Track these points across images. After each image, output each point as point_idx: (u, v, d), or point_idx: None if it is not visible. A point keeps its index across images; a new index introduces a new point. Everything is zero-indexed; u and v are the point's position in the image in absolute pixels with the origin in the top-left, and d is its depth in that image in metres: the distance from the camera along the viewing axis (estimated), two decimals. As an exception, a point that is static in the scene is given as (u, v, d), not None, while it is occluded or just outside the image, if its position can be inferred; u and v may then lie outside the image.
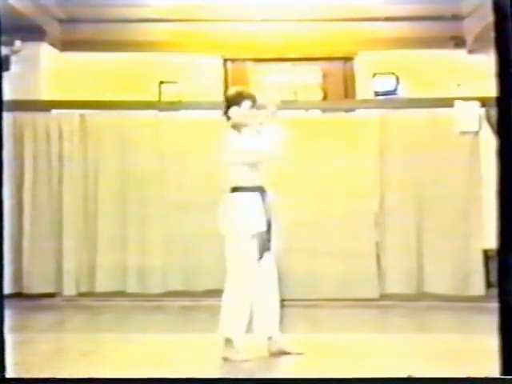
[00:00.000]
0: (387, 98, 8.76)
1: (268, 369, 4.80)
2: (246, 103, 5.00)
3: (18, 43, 8.27)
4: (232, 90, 5.18)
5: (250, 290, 4.87)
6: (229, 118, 5.04)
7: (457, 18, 9.10)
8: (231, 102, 5.02)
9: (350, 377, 4.20)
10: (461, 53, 9.10)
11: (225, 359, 4.84)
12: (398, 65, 9.12)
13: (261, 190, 4.94)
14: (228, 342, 4.89)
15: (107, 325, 6.68)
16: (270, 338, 5.01)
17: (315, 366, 4.74)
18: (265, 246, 4.90)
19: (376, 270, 7.58)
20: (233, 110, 4.99)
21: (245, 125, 5.02)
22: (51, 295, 7.66)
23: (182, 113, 8.18)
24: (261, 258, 4.89)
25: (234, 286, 4.89)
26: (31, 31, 8.40)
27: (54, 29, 9.06)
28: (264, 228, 4.90)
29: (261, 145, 4.89)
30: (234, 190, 4.94)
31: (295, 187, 7.34)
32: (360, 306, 7.32)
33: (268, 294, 4.98)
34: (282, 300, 5.17)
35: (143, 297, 7.62)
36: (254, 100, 5.02)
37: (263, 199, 4.93)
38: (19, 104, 7.24)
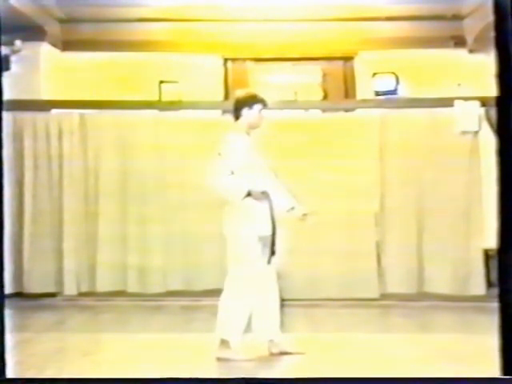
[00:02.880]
0: (387, 98, 8.76)
1: (268, 369, 4.80)
2: (258, 106, 5.01)
3: (18, 43, 8.27)
4: (243, 93, 5.15)
5: (250, 292, 4.87)
6: (237, 119, 5.04)
7: (457, 17, 9.10)
8: (243, 103, 5.01)
9: (350, 377, 4.20)
10: (461, 53, 9.10)
11: (220, 360, 4.83)
12: (398, 65, 9.12)
13: (265, 194, 4.94)
14: (224, 342, 4.89)
15: (107, 325, 6.69)
16: (270, 341, 5.01)
17: (315, 366, 4.74)
18: (271, 251, 4.90)
19: (376, 270, 7.58)
20: (245, 112, 5.00)
21: (256, 127, 5.03)
22: (52, 295, 7.67)
23: (182, 113, 8.19)
24: (269, 262, 4.90)
25: (233, 287, 4.89)
26: (31, 31, 8.40)
27: (54, 29, 9.05)
28: (269, 232, 4.90)
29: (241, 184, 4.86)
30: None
31: (295, 187, 7.33)
32: (360, 306, 7.32)
33: (269, 297, 4.97)
34: (283, 300, 5.17)
35: (143, 297, 7.62)
36: (265, 104, 5.04)
37: (268, 204, 4.93)
38: (19, 104, 7.23)
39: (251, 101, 5.01)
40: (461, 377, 4.04)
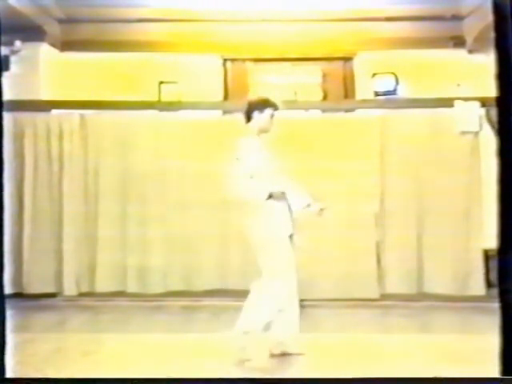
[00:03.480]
0: (387, 98, 8.76)
1: (268, 369, 4.80)
2: (269, 110, 5.08)
3: (18, 43, 8.28)
4: (255, 96, 5.26)
5: (283, 291, 4.92)
6: (248, 122, 5.10)
7: (457, 17, 9.10)
8: (254, 107, 5.09)
9: (350, 377, 4.20)
10: (461, 53, 9.10)
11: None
12: (398, 65, 9.12)
13: (283, 194, 4.98)
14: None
15: (108, 325, 6.69)
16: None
17: (315, 366, 4.74)
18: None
19: (376, 270, 7.58)
20: (256, 115, 5.06)
21: (266, 131, 5.10)
22: (52, 295, 7.67)
23: (182, 113, 8.19)
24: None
25: (268, 288, 4.92)
26: (31, 31, 8.40)
27: (53, 29, 9.06)
28: (292, 231, 5.00)
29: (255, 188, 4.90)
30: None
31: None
32: (360, 306, 7.32)
33: (292, 297, 5.01)
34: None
35: (143, 297, 7.62)
36: (276, 108, 5.12)
37: (286, 203, 4.99)
38: (19, 104, 7.23)
39: (263, 105, 5.10)
40: (461, 377, 4.05)
